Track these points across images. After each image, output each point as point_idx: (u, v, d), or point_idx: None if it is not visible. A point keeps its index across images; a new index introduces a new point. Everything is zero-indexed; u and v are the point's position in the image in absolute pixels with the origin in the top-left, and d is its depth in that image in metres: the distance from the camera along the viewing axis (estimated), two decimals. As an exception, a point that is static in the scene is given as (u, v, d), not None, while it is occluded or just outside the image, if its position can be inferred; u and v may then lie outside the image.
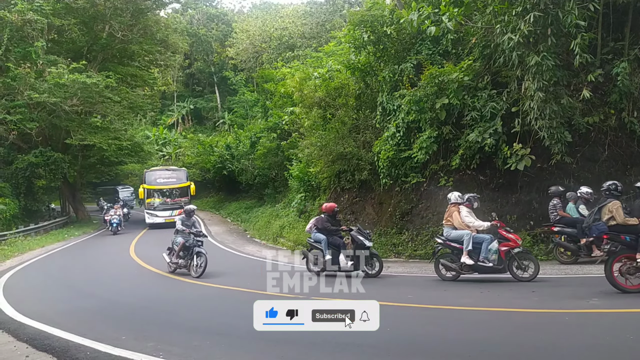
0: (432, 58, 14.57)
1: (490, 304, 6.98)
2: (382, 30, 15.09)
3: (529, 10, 10.27)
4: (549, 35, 10.39)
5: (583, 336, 5.12)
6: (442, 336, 5.54)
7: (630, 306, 6.12)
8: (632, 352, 4.46)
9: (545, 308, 6.42)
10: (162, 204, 27.04)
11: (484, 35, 13.07)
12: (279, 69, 28.84)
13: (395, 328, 5.98)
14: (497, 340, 5.23)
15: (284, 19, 47.17)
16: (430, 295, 8.00)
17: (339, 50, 21.26)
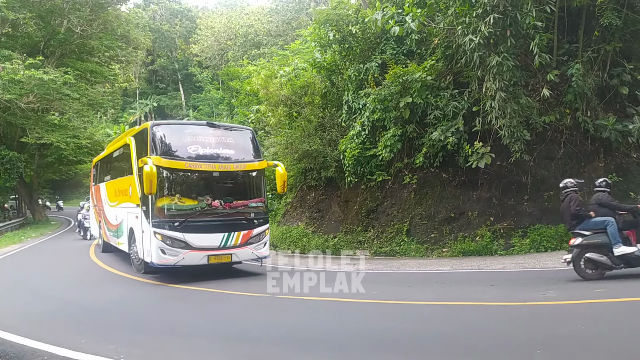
0: (397, 57, 14.78)
1: (451, 298, 7.14)
2: (347, 29, 15.19)
3: (489, 12, 10.55)
4: (508, 37, 10.70)
5: (538, 327, 5.31)
6: (404, 330, 5.63)
7: (582, 297, 6.39)
8: (583, 341, 4.66)
9: (504, 301, 6.62)
10: (205, 212, 10.24)
11: (446, 36, 13.35)
12: (245, 67, 28.61)
13: (361, 323, 6.05)
14: (458, 333, 5.36)
15: (249, 17, 46.80)
16: (395, 291, 8.12)
17: (304, 49, 21.26)
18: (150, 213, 9.51)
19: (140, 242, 10.35)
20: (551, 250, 10.95)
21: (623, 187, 11.53)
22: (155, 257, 9.44)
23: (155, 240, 9.40)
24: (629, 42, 12.18)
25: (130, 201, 11.12)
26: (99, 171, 16.48)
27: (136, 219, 10.49)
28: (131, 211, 11.05)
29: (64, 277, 11.85)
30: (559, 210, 11.53)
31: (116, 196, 13.06)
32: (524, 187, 12.17)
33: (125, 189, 11.57)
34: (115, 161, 13.66)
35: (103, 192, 15.07)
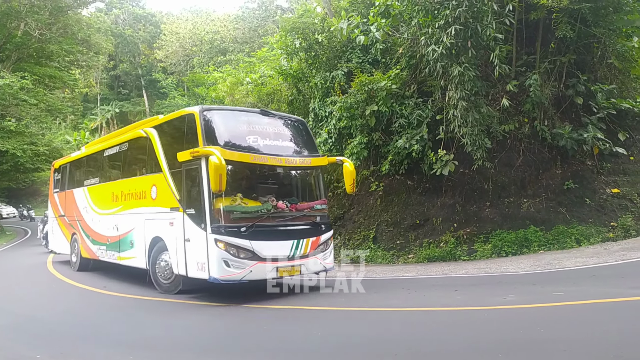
0: (362, 66, 14.97)
1: (416, 304, 7.22)
2: (313, 37, 15.29)
3: (451, 24, 10.83)
4: (469, 48, 11.01)
5: (499, 331, 5.44)
6: (369, 337, 5.66)
7: (541, 301, 6.58)
8: (543, 344, 4.79)
9: (466, 306, 6.74)
10: (272, 215, 8.34)
11: (410, 46, 13.64)
12: (211, 73, 28.30)
13: (325, 331, 6.05)
14: (421, 339, 5.43)
15: (215, 23, 46.45)
16: (361, 298, 8.15)
17: (271, 56, 21.23)
18: (208, 216, 7.68)
19: (178, 253, 8.40)
20: (511, 255, 11.25)
21: (579, 193, 12.00)
22: (216, 271, 7.58)
23: (216, 250, 7.59)
24: (582, 55, 12.74)
25: (151, 205, 9.29)
26: (69, 175, 14.06)
27: (170, 226, 8.64)
28: (156, 217, 9.10)
29: (19, 289, 11.36)
30: (518, 216, 11.98)
31: (116, 201, 10.88)
32: (485, 193, 12.49)
33: (141, 191, 9.71)
34: (113, 160, 11.51)
35: (82, 198, 12.76)
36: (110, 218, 11.14)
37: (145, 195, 9.54)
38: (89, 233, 12.30)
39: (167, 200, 8.75)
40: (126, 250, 10.42)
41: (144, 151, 9.80)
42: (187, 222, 8.18)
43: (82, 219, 12.70)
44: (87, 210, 12.46)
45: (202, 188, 7.80)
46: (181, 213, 8.33)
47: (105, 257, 11.47)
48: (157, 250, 9.19)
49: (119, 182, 10.87)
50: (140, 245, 9.72)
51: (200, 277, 7.95)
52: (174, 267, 8.62)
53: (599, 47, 12.64)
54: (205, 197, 7.73)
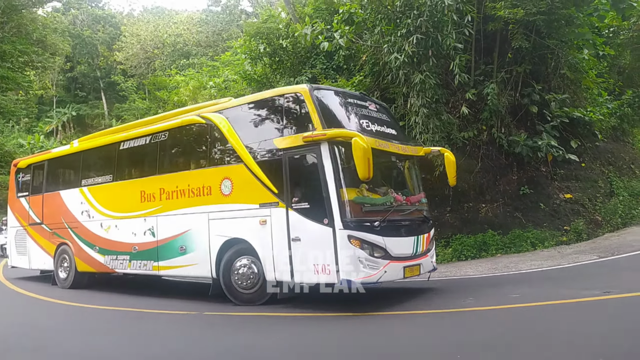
0: (326, 72, 15.09)
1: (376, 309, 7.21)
2: (277, 42, 15.31)
3: (412, 33, 11.08)
4: (430, 56, 11.28)
5: (459, 334, 5.55)
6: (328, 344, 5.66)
7: (500, 303, 6.77)
8: (501, 346, 4.93)
9: (427, 309, 6.83)
10: (396, 209, 7.44)
11: (373, 53, 13.84)
12: (173, 77, 27.84)
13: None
14: (381, 344, 5.48)
15: (178, 26, 45.75)
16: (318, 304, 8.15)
17: (235, 60, 21.09)
18: (337, 210, 6.60)
19: (277, 256, 7.18)
20: (471, 258, 11.54)
21: (534, 198, 12.44)
22: (351, 273, 6.53)
23: (350, 248, 6.55)
24: (537, 65, 13.26)
25: (221, 202, 7.93)
26: (49, 175, 11.96)
27: (260, 225, 7.37)
28: (232, 215, 7.79)
29: None
30: (477, 221, 12.31)
31: (149, 201, 9.15)
32: (446, 199, 12.76)
33: (200, 186, 8.26)
34: (142, 153, 9.74)
35: (77, 201, 10.72)
36: (137, 222, 9.35)
37: (209, 191, 8.14)
38: (94, 241, 10.28)
39: (253, 195, 7.51)
40: (173, 257, 8.67)
41: (203, 140, 8.57)
42: (294, 218, 7.01)
43: (80, 226, 10.63)
44: (88, 214, 10.47)
45: (324, 177, 6.73)
46: (282, 209, 7.13)
47: (128, 269, 9.54)
48: (234, 255, 7.81)
49: (156, 179, 9.16)
50: (202, 251, 8.16)
51: (318, 281, 6.90)
52: (267, 272, 7.30)
53: (552, 58, 13.19)
54: (329, 187, 6.67)
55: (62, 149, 12.56)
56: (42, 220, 11.77)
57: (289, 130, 7.35)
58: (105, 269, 10.13)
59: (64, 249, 11.11)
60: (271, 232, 7.25)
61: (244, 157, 7.68)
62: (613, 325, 5.22)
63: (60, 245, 11.22)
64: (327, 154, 6.75)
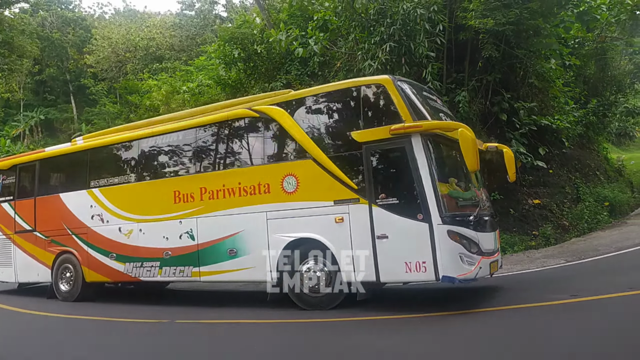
0: (301, 78, 15.14)
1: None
2: (252, 48, 15.29)
3: (386, 40, 11.23)
4: (403, 64, 11.45)
5: (433, 334, 5.61)
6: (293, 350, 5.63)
7: (475, 307, 6.84)
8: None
9: (403, 313, 6.83)
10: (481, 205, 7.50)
11: (347, 60, 13.97)
12: (145, 81, 27.43)
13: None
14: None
15: (150, 29, 45.11)
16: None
17: (209, 65, 20.95)
18: (434, 205, 6.36)
19: (358, 255, 6.85)
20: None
21: (504, 204, 12.70)
22: (452, 269, 6.29)
23: (450, 244, 6.33)
24: (506, 74, 13.60)
25: (283, 200, 7.49)
26: (43, 177, 10.89)
27: (336, 223, 7.01)
28: (298, 214, 7.34)
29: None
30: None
31: (187, 201, 8.44)
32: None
33: (255, 184, 7.74)
34: (176, 150, 9.00)
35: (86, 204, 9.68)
36: (170, 224, 8.60)
37: (267, 189, 7.66)
38: (110, 248, 9.35)
39: (326, 192, 7.15)
40: (219, 262, 8.05)
41: (256, 134, 8.09)
42: (379, 215, 6.71)
43: (89, 232, 9.63)
44: (101, 218, 9.50)
45: (417, 171, 6.46)
46: (364, 205, 6.83)
47: (158, 277, 8.73)
48: (301, 256, 7.32)
49: (194, 177, 8.55)
50: (259, 253, 7.61)
51: (409, 280, 6.83)
52: (345, 274, 6.94)
53: (521, 67, 13.56)
54: (424, 182, 6.40)
55: (59, 148, 11.21)
56: (34, 227, 10.52)
57: (369, 122, 7.00)
58: (125, 278, 9.20)
59: (67, 258, 9.96)
60: (350, 230, 6.93)
61: (313, 152, 7.29)
62: (581, 326, 5.37)
63: (61, 255, 10.07)
64: (419, 146, 6.49)
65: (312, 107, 7.67)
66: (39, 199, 10.57)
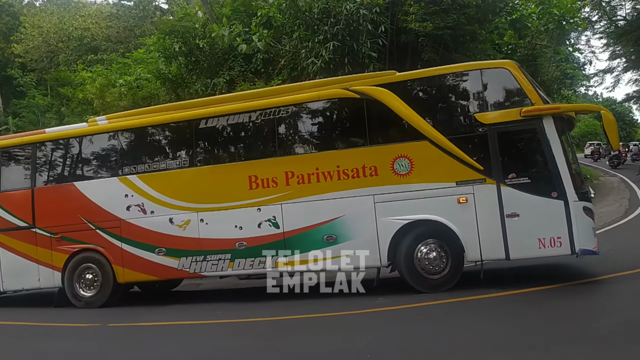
0: (245, 75, 14.92)
1: (291, 312, 6.98)
2: (194, 42, 14.90)
3: (329, 39, 11.33)
4: (346, 64, 11.58)
5: (371, 334, 5.70)
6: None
7: (408, 302, 6.99)
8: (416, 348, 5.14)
9: (339, 311, 6.89)
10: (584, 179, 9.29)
11: (292, 58, 13.93)
12: (79, 72, 26.04)
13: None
14: (297, 348, 5.48)
15: (85, 19, 42.88)
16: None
17: (148, 58, 20.20)
18: (570, 183, 6.70)
19: (485, 234, 6.94)
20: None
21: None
22: (589, 242, 6.75)
23: (585, 219, 6.78)
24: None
25: (392, 183, 7.30)
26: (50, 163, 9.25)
27: (459, 204, 7.05)
28: (413, 196, 7.22)
29: None
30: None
31: (268, 187, 7.77)
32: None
33: (359, 166, 7.43)
34: (254, 131, 8.29)
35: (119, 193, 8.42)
36: (245, 212, 7.86)
37: (374, 171, 7.41)
38: (158, 242, 8.25)
39: (446, 173, 7.14)
40: (313, 249, 7.54)
41: (357, 115, 7.73)
42: (509, 194, 6.88)
43: (125, 225, 8.41)
44: (142, 209, 8.34)
45: (549, 151, 6.77)
46: (491, 185, 6.96)
47: (229, 270, 7.94)
48: (416, 238, 7.22)
49: (278, 161, 7.89)
50: (366, 237, 7.36)
51: (542, 255, 6.88)
52: (470, 252, 7.01)
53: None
54: (558, 161, 6.72)
55: (68, 129, 9.61)
56: (31, 224, 8.87)
57: (491, 105, 7.16)
58: (180, 275, 8.40)
59: (87, 257, 8.58)
60: (475, 209, 7.01)
61: (430, 134, 7.18)
62: (516, 321, 5.66)
63: (78, 253, 8.61)
64: (551, 127, 6.80)
65: (425, 89, 7.68)
66: (40, 189, 8.92)
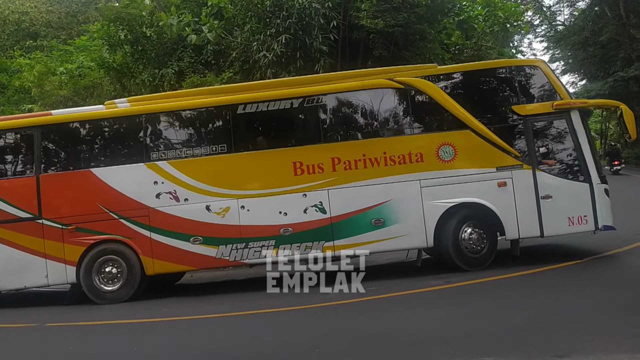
0: (194, 66, 14.54)
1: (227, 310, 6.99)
2: (140, 30, 14.37)
3: (281, 33, 11.23)
4: (298, 58, 11.53)
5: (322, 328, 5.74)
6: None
7: (353, 297, 7.08)
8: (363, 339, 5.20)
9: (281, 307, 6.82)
10: None
11: (243, 50, 13.70)
12: (16, 59, 24.54)
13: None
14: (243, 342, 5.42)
15: (23, 2, 40.46)
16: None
17: (92, 46, 19.28)
18: (594, 168, 7.89)
19: (523, 215, 7.79)
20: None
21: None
22: (609, 219, 7.89)
23: (605, 199, 7.92)
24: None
25: (438, 168, 7.86)
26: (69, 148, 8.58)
27: (499, 188, 7.83)
28: (457, 180, 7.87)
29: None
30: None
31: (317, 173, 7.92)
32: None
33: (405, 153, 7.89)
34: (299, 117, 8.47)
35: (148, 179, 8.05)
36: (289, 198, 7.95)
37: (419, 158, 7.92)
38: (193, 230, 8.01)
39: (486, 159, 7.92)
40: (361, 233, 7.86)
41: (401, 105, 8.21)
42: (543, 178, 7.86)
43: (155, 213, 8.05)
44: (175, 196, 8.06)
45: (577, 140, 7.87)
46: (527, 170, 7.87)
47: (273, 256, 7.89)
48: (460, 220, 7.87)
49: (324, 147, 8.07)
50: (413, 220, 7.83)
51: (570, 232, 7.86)
52: (509, 231, 7.83)
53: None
54: (584, 149, 7.84)
55: (82, 111, 8.84)
56: (37, 214, 8.14)
57: (525, 98, 8.05)
58: (218, 264, 8.21)
59: (109, 249, 8.10)
60: (513, 192, 7.84)
61: (471, 123, 7.88)
62: (457, 311, 5.83)
63: (97, 245, 8.08)
64: (577, 119, 7.88)
65: (463, 83, 8.32)
66: (48, 176, 8.21)
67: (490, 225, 7.93)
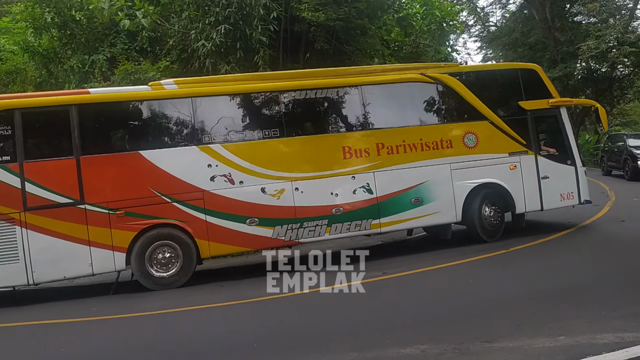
0: (128, 53, 13.92)
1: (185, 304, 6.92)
2: (69, 13, 13.55)
3: (221, 22, 10.97)
4: (238, 49, 11.31)
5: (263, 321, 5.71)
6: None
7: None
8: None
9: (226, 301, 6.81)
10: None
11: (181, 39, 13.25)
12: None
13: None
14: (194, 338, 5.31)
15: None
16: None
17: (15, 29, 17.94)
18: (577, 154, 9.79)
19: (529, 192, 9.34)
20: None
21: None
22: (587, 194, 9.79)
23: (585, 179, 9.78)
24: (338, 66, 14.39)
25: (463, 153, 9.07)
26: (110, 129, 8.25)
27: (510, 170, 9.33)
28: (479, 164, 9.17)
29: None
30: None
31: (360, 156, 8.62)
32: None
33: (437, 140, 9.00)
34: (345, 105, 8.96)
35: (199, 162, 7.97)
36: (339, 180, 8.53)
37: (449, 144, 9.08)
38: (249, 212, 8.10)
39: (501, 146, 9.28)
40: (402, 211, 8.77)
41: (431, 97, 9.25)
42: (543, 162, 9.44)
43: (210, 196, 8.00)
44: (229, 179, 8.06)
45: (565, 131, 9.65)
46: (531, 156, 9.39)
47: (326, 234, 8.41)
48: (482, 198, 9.16)
49: (369, 133, 8.84)
50: (445, 199, 8.97)
51: (561, 205, 9.54)
52: (518, 206, 9.29)
53: (349, 63, 14.47)
54: (571, 138, 9.67)
55: (126, 91, 8.67)
56: (78, 199, 7.56)
57: (527, 96, 9.49)
58: (274, 244, 8.23)
59: (162, 233, 7.86)
60: (521, 174, 9.32)
61: (489, 115, 9.23)
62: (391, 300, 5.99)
63: (149, 230, 7.80)
64: (565, 114, 9.68)
65: (479, 80, 9.75)
66: (89, 159, 7.64)
67: (504, 202, 9.31)
